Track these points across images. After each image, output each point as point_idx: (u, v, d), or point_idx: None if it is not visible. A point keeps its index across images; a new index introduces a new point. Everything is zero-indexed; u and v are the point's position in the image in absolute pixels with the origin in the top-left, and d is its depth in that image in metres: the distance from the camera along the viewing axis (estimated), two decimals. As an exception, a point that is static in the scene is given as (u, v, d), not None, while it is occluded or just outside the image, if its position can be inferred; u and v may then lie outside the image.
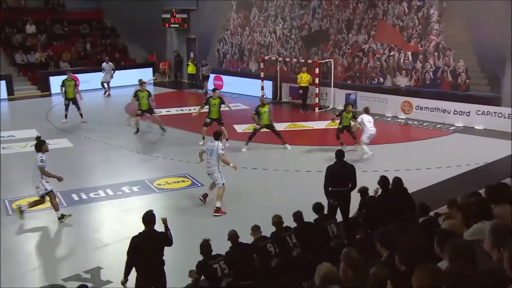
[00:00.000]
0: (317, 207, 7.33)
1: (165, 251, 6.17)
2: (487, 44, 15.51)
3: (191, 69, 24.98)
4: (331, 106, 19.23)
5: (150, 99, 15.43)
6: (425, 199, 6.97)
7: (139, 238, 6.03)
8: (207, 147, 9.77)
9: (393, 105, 17.79)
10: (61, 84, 17.16)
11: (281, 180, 11.49)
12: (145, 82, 15.97)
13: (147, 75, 24.07)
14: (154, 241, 6.05)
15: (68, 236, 8.96)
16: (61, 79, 17.54)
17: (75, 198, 10.40)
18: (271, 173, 11.91)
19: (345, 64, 19.49)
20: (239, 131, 15.76)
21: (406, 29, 17.62)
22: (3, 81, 21.98)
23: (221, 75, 23.81)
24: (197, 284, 6.09)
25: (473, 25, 15.85)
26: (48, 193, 9.21)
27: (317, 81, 19.07)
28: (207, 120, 14.11)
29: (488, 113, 15.65)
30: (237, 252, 6.24)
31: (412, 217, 6.59)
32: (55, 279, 7.35)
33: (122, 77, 23.56)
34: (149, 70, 26.04)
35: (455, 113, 16.31)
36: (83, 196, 10.51)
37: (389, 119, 17.52)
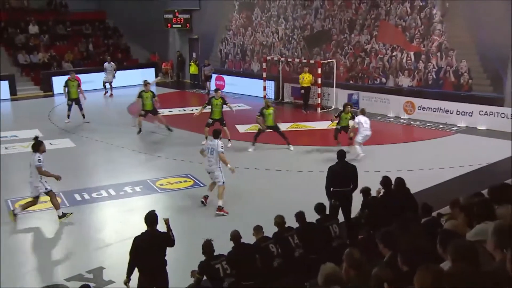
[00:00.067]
0: (319, 208, 7.32)
1: (167, 251, 6.18)
2: (490, 44, 15.46)
3: (193, 69, 24.99)
4: (333, 106, 19.21)
5: (154, 100, 15.46)
6: (427, 200, 6.95)
7: (141, 238, 6.04)
8: (207, 146, 9.81)
9: (395, 105, 17.77)
10: (64, 84, 17.21)
11: (283, 180, 11.49)
12: (149, 83, 16.00)
13: (149, 75, 24.18)
14: (156, 241, 6.06)
15: (70, 236, 8.98)
16: (64, 80, 17.61)
17: (78, 198, 10.42)
18: (274, 173, 11.91)
19: (347, 64, 19.47)
20: (242, 131, 15.76)
21: (408, 29, 17.59)
22: (6, 81, 22.07)
23: (223, 75, 23.83)
24: (199, 284, 6.10)
25: (476, 25, 15.81)
26: (48, 192, 9.24)
27: (319, 81, 19.06)
28: (209, 120, 14.12)
29: (490, 113, 15.61)
30: (239, 252, 6.23)
31: (414, 217, 6.57)
32: (57, 279, 7.37)
33: (124, 77, 23.65)
34: (152, 70, 26.11)
35: (458, 113, 16.27)
36: (86, 196, 10.53)
37: (392, 119, 17.50)
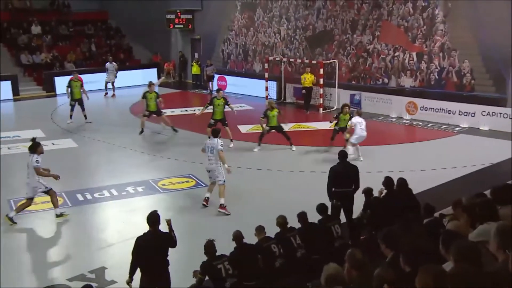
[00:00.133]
0: (321, 208, 7.32)
1: (169, 251, 6.19)
2: (493, 44, 15.43)
3: (196, 69, 25.00)
4: (335, 106, 19.19)
5: (158, 101, 15.47)
6: (430, 200, 6.95)
7: (143, 238, 6.05)
8: (207, 145, 9.82)
9: (397, 105, 17.75)
10: (67, 84, 17.20)
11: (285, 180, 11.49)
12: (154, 83, 16.01)
13: (151, 75, 24.21)
14: (158, 241, 6.07)
15: (72, 236, 9.00)
16: (66, 80, 17.63)
17: (80, 198, 10.43)
18: (275, 174, 11.90)
19: (350, 64, 19.45)
20: (243, 131, 15.77)
21: (411, 30, 17.57)
22: (9, 82, 22.09)
23: (225, 75, 23.83)
24: (201, 284, 6.09)
25: (478, 26, 15.78)
26: (48, 191, 9.29)
27: (321, 81, 19.05)
28: (211, 121, 14.12)
29: (493, 114, 15.58)
30: (241, 252, 6.24)
31: (416, 218, 6.57)
32: (59, 279, 7.38)
33: (126, 78, 23.66)
34: (154, 70, 26.13)
35: (460, 114, 16.25)
36: (88, 196, 10.54)
37: (394, 119, 17.48)
